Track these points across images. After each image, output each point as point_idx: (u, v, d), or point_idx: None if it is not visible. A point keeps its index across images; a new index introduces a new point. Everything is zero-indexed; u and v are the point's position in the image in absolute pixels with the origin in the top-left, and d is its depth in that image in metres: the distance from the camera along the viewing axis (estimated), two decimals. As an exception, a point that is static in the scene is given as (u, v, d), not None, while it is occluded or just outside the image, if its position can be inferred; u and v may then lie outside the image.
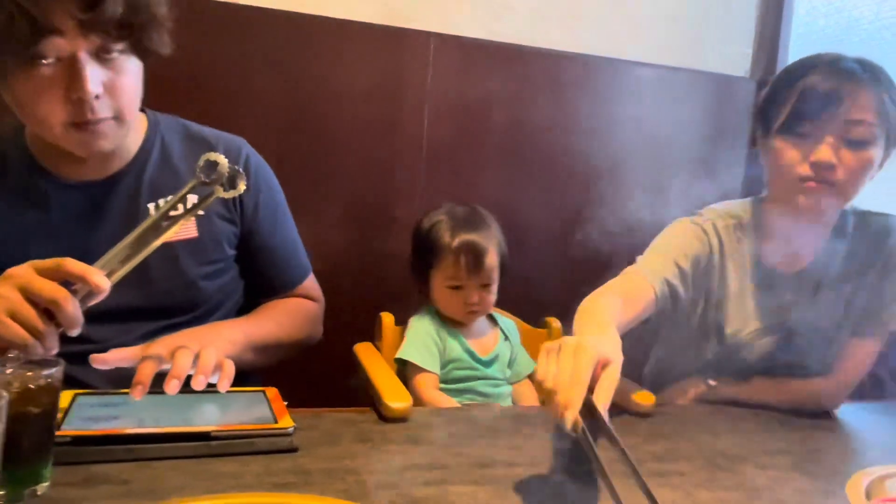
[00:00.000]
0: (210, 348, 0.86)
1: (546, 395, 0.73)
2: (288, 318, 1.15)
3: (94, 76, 0.89)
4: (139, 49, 0.93)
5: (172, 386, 0.81)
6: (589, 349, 0.74)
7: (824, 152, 1.05)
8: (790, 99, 1.08)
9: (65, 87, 0.88)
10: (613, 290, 1.07)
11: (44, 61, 0.86)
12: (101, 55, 0.89)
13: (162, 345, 0.86)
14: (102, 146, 0.95)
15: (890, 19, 1.90)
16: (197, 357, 0.85)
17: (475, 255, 1.31)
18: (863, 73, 1.06)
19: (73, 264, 0.75)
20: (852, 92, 1.04)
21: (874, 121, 1.05)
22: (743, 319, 1.18)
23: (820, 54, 1.10)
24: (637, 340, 1.16)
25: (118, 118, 0.94)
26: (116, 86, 0.92)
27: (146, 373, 0.82)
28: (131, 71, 0.94)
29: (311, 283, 1.23)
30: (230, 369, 0.86)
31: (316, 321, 1.23)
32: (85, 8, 0.85)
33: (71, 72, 0.87)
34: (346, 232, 1.77)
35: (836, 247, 1.17)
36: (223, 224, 1.09)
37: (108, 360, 0.84)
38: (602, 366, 0.75)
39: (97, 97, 0.90)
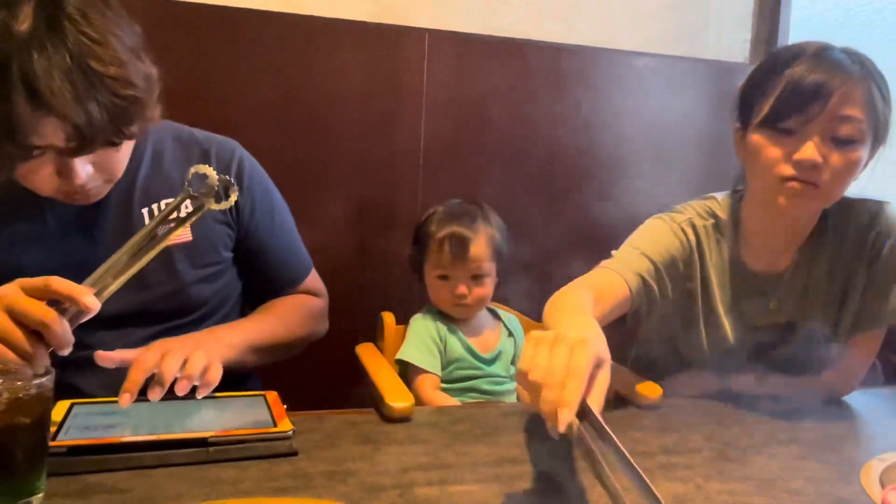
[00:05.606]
0: (199, 352, 0.85)
1: (530, 389, 0.67)
2: (291, 315, 1.15)
3: (83, 168, 0.88)
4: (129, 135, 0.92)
5: (155, 392, 0.80)
6: (588, 345, 0.68)
7: (809, 150, 0.97)
8: (773, 91, 1.00)
9: (55, 169, 0.87)
10: (584, 285, 1.02)
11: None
12: None
13: (155, 350, 0.85)
14: (92, 200, 0.96)
15: (890, 1, 1.87)
16: (185, 362, 0.84)
17: (459, 244, 1.33)
18: (852, 65, 0.98)
19: (60, 283, 0.72)
20: (842, 86, 0.96)
21: (863, 117, 0.97)
22: (726, 323, 1.14)
23: (804, 43, 1.03)
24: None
25: (108, 181, 0.95)
26: (106, 163, 0.92)
27: (135, 380, 0.81)
28: (120, 146, 0.92)
29: (313, 279, 1.23)
30: (214, 376, 0.85)
31: (319, 317, 1.22)
32: (74, 141, 0.83)
33: (60, 163, 0.86)
34: (346, 232, 1.76)
35: (819, 244, 1.12)
36: (218, 227, 1.08)
37: (114, 358, 0.84)
38: (596, 364, 0.69)
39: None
